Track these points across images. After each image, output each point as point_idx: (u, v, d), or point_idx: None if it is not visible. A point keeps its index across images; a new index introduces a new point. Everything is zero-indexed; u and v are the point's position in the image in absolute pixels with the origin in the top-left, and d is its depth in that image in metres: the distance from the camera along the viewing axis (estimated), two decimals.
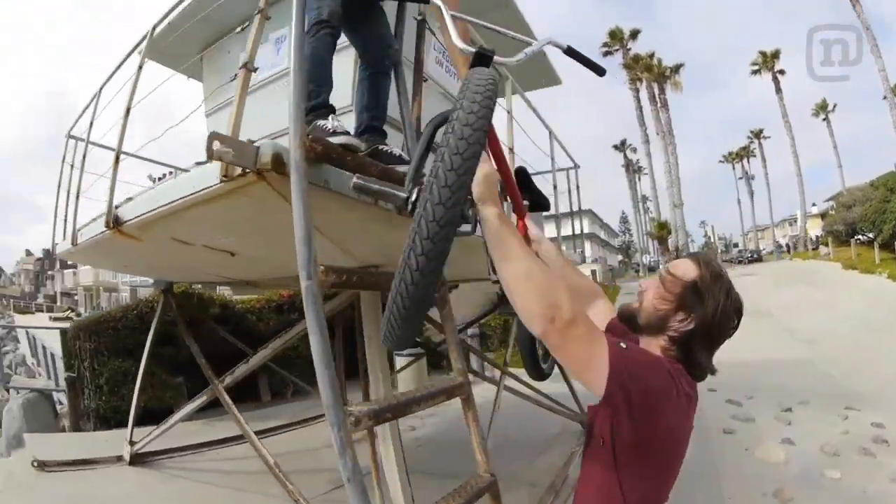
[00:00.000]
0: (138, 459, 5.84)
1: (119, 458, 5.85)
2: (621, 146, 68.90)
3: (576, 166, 7.91)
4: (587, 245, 61.89)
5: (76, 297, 64.94)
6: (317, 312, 2.10)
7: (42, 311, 54.81)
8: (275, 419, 8.13)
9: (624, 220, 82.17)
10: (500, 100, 5.38)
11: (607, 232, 76.51)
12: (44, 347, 13.86)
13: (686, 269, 1.78)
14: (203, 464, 6.15)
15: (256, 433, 4.98)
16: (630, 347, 1.64)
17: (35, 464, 5.33)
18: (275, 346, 4.84)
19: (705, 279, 1.74)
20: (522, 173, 2.82)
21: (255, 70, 2.75)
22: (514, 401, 7.30)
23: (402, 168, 2.87)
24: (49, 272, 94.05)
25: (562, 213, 7.52)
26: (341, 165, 2.64)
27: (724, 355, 1.81)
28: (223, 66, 5.27)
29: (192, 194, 2.74)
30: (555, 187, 6.85)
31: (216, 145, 2.11)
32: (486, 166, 1.64)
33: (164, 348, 8.16)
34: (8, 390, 10.70)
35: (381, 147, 3.12)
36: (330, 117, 2.89)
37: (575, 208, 7.88)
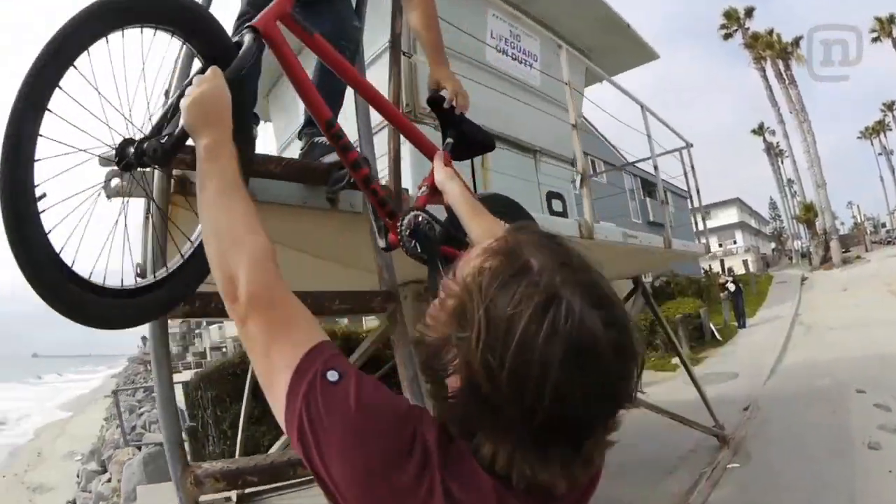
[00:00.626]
0: (246, 499, 5.68)
1: (227, 500, 5.71)
2: (759, 130, 65.18)
3: (688, 145, 7.22)
4: (738, 235, 59.52)
5: (224, 350, 68.71)
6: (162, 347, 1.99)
7: (190, 367, 58.49)
8: None
9: (773, 206, 77.34)
10: (556, 68, 5.09)
11: (757, 220, 73.57)
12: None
13: (468, 262, 0.86)
14: (308, 500, 5.91)
15: None
16: (347, 383, 0.83)
17: None
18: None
19: (476, 283, 0.80)
20: (436, 102, 2.23)
21: None
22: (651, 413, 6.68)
23: (327, 158, 2.50)
24: (196, 331, 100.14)
25: (706, 205, 7.03)
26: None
27: (873, 348, 1.17)
28: (288, 104, 5.49)
29: None
30: (655, 168, 6.43)
31: (114, 182, 1.85)
32: (205, 85, 1.21)
33: None
34: (140, 447, 11.16)
35: (316, 140, 2.72)
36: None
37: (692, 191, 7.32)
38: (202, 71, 1.42)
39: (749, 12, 45.93)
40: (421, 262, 2.06)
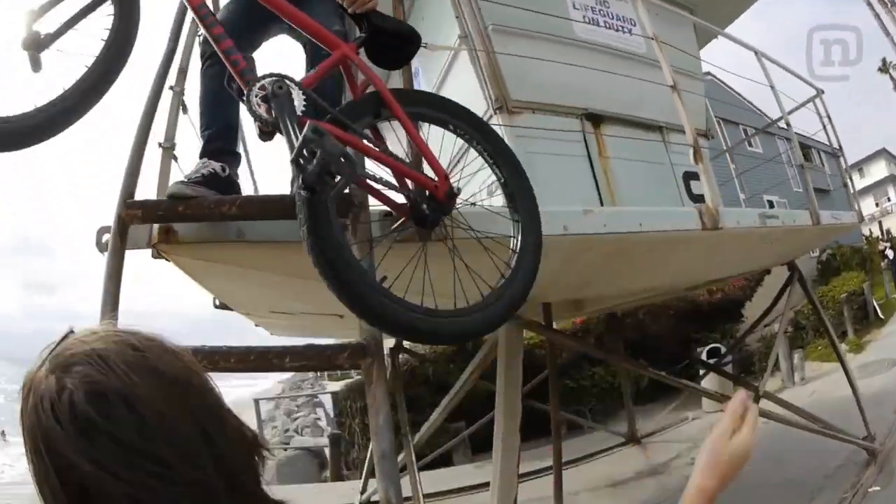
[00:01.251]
0: None
1: None
2: (884, 67, 58.83)
3: (819, 92, 6.28)
4: (891, 190, 53.03)
5: None
6: None
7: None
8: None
9: None
10: (659, 30, 4.50)
11: None
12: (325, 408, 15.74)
13: None
14: None
15: (522, 474, 4.16)
16: None
17: None
18: (450, 396, 4.92)
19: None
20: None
21: (172, 147, 2.45)
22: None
23: None
24: None
25: (854, 163, 6.20)
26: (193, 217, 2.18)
27: None
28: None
29: None
30: (788, 125, 5.71)
31: (104, 237, 1.90)
32: None
33: (438, 395, 7.93)
34: (285, 449, 11.66)
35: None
36: (199, 163, 2.37)
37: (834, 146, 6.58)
38: None
39: None
40: (277, 131, 1.79)
